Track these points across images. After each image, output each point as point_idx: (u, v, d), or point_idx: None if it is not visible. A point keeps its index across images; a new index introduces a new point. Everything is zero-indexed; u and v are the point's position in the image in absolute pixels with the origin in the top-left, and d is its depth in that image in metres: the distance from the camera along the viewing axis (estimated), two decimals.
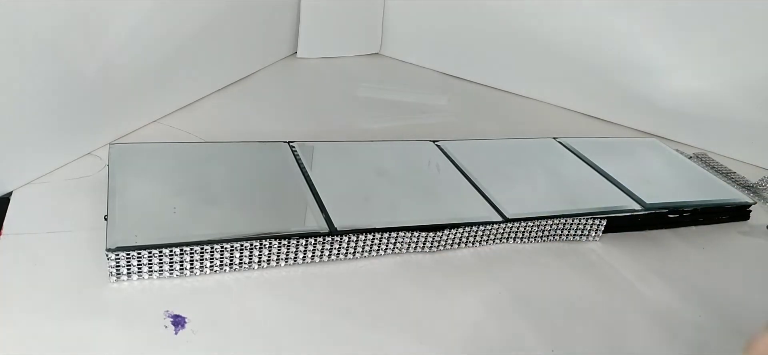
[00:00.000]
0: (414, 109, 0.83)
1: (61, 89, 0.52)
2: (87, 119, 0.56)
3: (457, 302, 0.47)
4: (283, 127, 0.71)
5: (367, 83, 0.87)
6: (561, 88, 0.90)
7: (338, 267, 0.48)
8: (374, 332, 0.42)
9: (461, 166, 0.60)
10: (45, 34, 0.48)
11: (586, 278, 0.52)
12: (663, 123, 0.84)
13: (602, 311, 0.48)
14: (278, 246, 0.45)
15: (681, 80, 0.81)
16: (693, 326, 0.48)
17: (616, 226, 0.57)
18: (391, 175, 0.57)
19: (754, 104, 0.77)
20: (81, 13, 0.51)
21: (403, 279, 0.48)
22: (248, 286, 0.44)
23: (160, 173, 0.51)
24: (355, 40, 0.98)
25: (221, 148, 0.57)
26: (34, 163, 0.52)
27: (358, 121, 0.76)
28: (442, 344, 0.42)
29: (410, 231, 0.49)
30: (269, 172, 0.55)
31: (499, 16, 0.90)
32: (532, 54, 0.90)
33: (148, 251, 0.41)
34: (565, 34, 0.86)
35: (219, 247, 0.43)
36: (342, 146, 0.61)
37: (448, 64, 0.97)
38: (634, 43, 0.82)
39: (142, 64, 0.61)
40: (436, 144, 0.64)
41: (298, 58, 0.92)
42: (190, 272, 0.44)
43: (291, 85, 0.84)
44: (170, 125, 0.65)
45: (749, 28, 0.75)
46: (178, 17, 0.64)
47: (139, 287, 0.42)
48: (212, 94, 0.74)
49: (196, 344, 0.39)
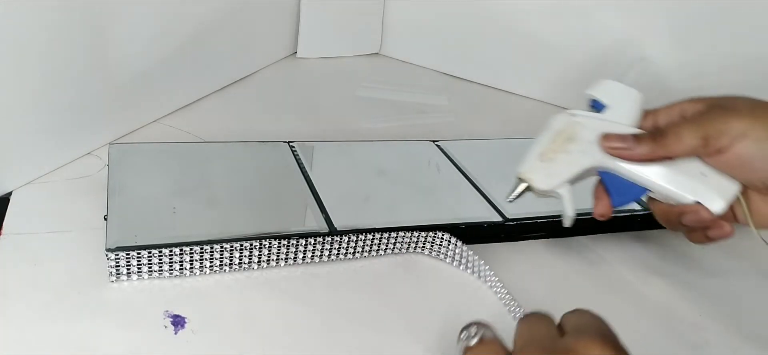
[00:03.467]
0: (414, 109, 0.83)
1: (61, 89, 0.52)
2: (87, 119, 0.56)
3: (458, 301, 0.47)
4: (283, 127, 0.71)
5: (367, 83, 0.87)
6: (561, 88, 0.90)
7: (338, 267, 0.48)
8: (374, 332, 0.42)
9: (461, 167, 0.60)
10: (45, 33, 0.48)
11: (584, 277, 0.52)
12: None
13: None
14: (278, 246, 0.45)
15: (681, 80, 0.81)
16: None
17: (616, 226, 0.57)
18: (391, 175, 0.57)
19: None
20: (81, 12, 0.51)
21: (403, 279, 0.48)
22: (248, 286, 0.44)
23: (160, 173, 0.51)
24: (355, 40, 0.98)
25: (221, 148, 0.57)
26: (34, 163, 0.52)
27: (358, 121, 0.76)
28: (443, 345, 0.42)
29: (410, 231, 0.49)
30: (269, 172, 0.55)
31: (499, 16, 0.90)
32: (532, 54, 0.90)
33: (147, 251, 0.41)
34: (565, 34, 0.86)
35: (219, 247, 0.43)
36: (342, 146, 0.61)
37: (448, 64, 0.97)
38: (634, 43, 0.82)
39: (142, 64, 0.61)
40: (436, 144, 0.64)
41: (298, 58, 0.92)
42: (189, 272, 0.44)
43: (291, 85, 0.84)
44: (170, 125, 0.65)
45: (749, 28, 0.75)
46: (178, 17, 0.64)
47: (139, 287, 0.42)
48: (212, 94, 0.74)
49: (196, 344, 0.39)
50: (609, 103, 0.45)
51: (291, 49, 0.93)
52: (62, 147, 0.54)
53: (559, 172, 0.44)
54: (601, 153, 0.43)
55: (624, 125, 0.44)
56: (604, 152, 0.43)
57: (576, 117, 0.45)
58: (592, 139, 0.44)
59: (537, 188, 0.44)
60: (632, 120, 0.44)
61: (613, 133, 0.43)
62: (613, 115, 0.44)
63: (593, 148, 0.43)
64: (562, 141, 0.44)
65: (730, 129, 0.39)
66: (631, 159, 0.42)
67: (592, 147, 0.43)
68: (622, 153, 0.43)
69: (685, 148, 0.41)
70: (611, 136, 0.43)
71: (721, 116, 0.40)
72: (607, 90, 0.45)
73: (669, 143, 0.41)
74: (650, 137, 0.42)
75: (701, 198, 0.42)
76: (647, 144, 0.42)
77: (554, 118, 0.46)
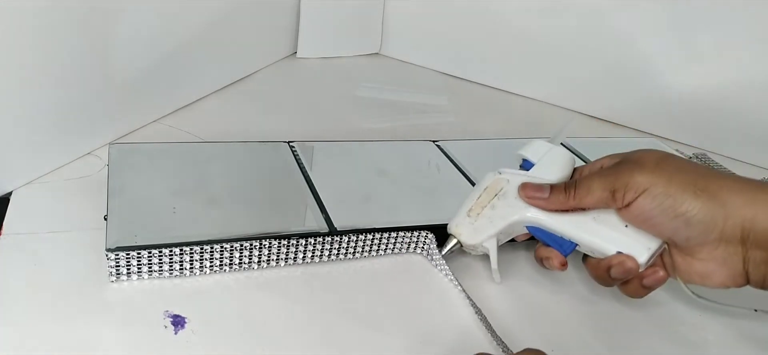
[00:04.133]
0: (414, 109, 0.83)
1: (61, 89, 0.52)
2: (87, 119, 0.56)
3: (458, 302, 0.47)
4: (283, 127, 0.71)
5: (367, 83, 0.87)
6: (561, 88, 0.90)
7: (338, 267, 0.48)
8: (374, 332, 0.42)
9: (461, 167, 0.60)
10: (45, 33, 0.48)
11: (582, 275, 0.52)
12: (663, 123, 0.84)
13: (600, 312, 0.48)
14: (278, 246, 0.45)
15: (681, 80, 0.81)
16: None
17: None
18: (391, 175, 0.57)
19: (754, 104, 0.77)
20: (81, 12, 0.51)
21: (403, 279, 0.48)
22: (248, 286, 0.44)
23: (160, 173, 0.51)
24: (355, 40, 0.98)
25: (221, 148, 0.57)
26: (34, 164, 0.52)
27: (358, 121, 0.76)
28: (443, 345, 0.42)
29: (410, 231, 0.49)
30: (269, 172, 0.55)
31: (499, 16, 0.90)
32: (532, 54, 0.90)
33: (147, 250, 0.41)
34: (565, 34, 0.86)
35: (219, 247, 0.43)
36: (342, 146, 0.61)
37: (448, 64, 0.97)
38: (634, 43, 0.82)
39: (142, 64, 0.61)
40: (436, 144, 0.64)
41: (298, 58, 0.92)
42: (189, 272, 0.44)
43: (291, 85, 0.84)
44: (170, 125, 0.65)
45: (749, 28, 0.75)
46: (178, 17, 0.64)
47: (139, 287, 0.42)
48: (212, 94, 0.74)
49: (196, 344, 0.39)
50: (536, 161, 0.47)
51: (291, 49, 0.93)
52: (62, 147, 0.54)
53: (484, 228, 0.46)
54: (524, 206, 0.45)
55: (546, 180, 0.46)
56: (524, 204, 0.45)
57: (503, 174, 0.47)
58: (516, 194, 0.46)
59: (465, 243, 0.47)
60: (557, 176, 0.46)
61: (530, 183, 0.45)
62: (539, 172, 0.47)
63: (517, 202, 0.45)
64: (488, 197, 0.46)
65: (634, 183, 0.40)
66: (546, 208, 0.44)
67: (516, 202, 0.46)
68: (537, 202, 0.45)
69: (594, 200, 0.42)
70: (528, 186, 0.45)
71: (628, 170, 0.41)
72: (536, 149, 0.48)
73: (580, 194, 0.43)
74: (563, 188, 0.44)
75: (624, 249, 0.42)
76: (560, 194, 0.44)
77: (484, 176, 0.48)
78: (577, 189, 0.43)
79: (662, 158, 0.41)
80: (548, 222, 0.44)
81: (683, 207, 0.39)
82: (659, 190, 0.39)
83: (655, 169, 0.40)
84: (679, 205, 0.39)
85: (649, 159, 0.41)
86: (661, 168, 0.40)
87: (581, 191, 0.43)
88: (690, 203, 0.38)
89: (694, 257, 0.40)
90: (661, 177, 0.39)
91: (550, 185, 0.44)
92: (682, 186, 0.39)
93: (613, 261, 0.42)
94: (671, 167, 0.40)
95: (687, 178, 0.39)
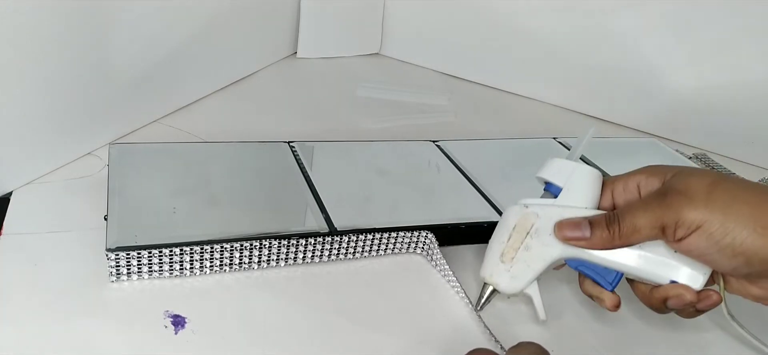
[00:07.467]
0: (414, 109, 0.83)
1: (61, 89, 0.52)
2: (87, 119, 0.56)
3: (458, 301, 0.47)
4: (283, 127, 0.71)
5: (367, 83, 0.87)
6: (561, 88, 0.90)
7: (338, 267, 0.48)
8: (374, 331, 0.42)
9: (461, 167, 0.60)
10: (45, 33, 0.48)
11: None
12: (663, 123, 0.84)
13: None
14: (278, 246, 0.45)
15: (681, 80, 0.81)
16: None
17: None
18: (391, 175, 0.57)
19: (754, 104, 0.77)
20: (81, 12, 0.51)
21: (403, 279, 0.48)
22: (248, 286, 0.44)
23: (160, 173, 0.51)
24: (355, 40, 0.98)
25: (221, 148, 0.57)
26: (34, 163, 0.52)
27: (358, 121, 0.76)
28: (444, 345, 0.42)
29: (410, 231, 0.49)
30: (269, 172, 0.55)
31: (500, 16, 0.90)
32: (532, 54, 0.90)
33: (147, 250, 0.41)
34: (565, 34, 0.86)
35: (219, 247, 0.43)
36: (342, 146, 0.61)
37: (448, 64, 0.97)
38: (634, 43, 0.82)
39: (142, 64, 0.61)
40: (436, 144, 0.64)
41: (298, 58, 0.92)
42: (189, 272, 0.44)
43: (291, 85, 0.84)
44: (170, 125, 0.65)
45: (749, 28, 0.75)
46: (178, 17, 0.64)
47: (139, 287, 0.42)
48: (212, 94, 0.74)
49: (196, 344, 0.39)
50: (561, 184, 0.42)
51: (291, 49, 0.93)
52: (62, 147, 0.54)
53: (522, 273, 0.41)
54: (562, 244, 0.40)
55: (580, 208, 0.41)
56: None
57: (530, 208, 0.42)
58: (550, 229, 0.41)
59: (504, 292, 0.42)
60: (589, 200, 0.41)
61: (565, 221, 0.40)
62: (568, 198, 0.41)
63: (553, 240, 0.41)
64: (520, 237, 0.41)
65: (685, 220, 0.36)
66: (590, 248, 0.40)
67: (551, 240, 0.41)
68: (578, 243, 0.40)
69: (642, 239, 0.38)
70: (564, 225, 0.40)
71: (677, 204, 0.36)
72: (559, 170, 0.42)
73: (625, 234, 0.38)
74: (605, 224, 0.39)
75: (677, 277, 0.39)
76: (603, 231, 0.39)
77: (507, 211, 0.43)
78: (622, 227, 0.38)
79: (713, 185, 0.36)
80: (591, 256, 0.40)
81: (743, 246, 0.35)
82: (715, 227, 0.35)
83: (708, 201, 0.35)
84: (738, 245, 0.35)
85: (698, 188, 0.36)
86: (713, 200, 0.35)
87: (627, 229, 0.38)
88: (751, 241, 0.34)
89: (753, 284, 0.38)
90: (715, 212, 0.35)
91: (588, 221, 0.40)
92: (740, 221, 0.35)
93: (669, 292, 0.39)
94: (725, 196, 0.36)
95: (745, 210, 0.35)
